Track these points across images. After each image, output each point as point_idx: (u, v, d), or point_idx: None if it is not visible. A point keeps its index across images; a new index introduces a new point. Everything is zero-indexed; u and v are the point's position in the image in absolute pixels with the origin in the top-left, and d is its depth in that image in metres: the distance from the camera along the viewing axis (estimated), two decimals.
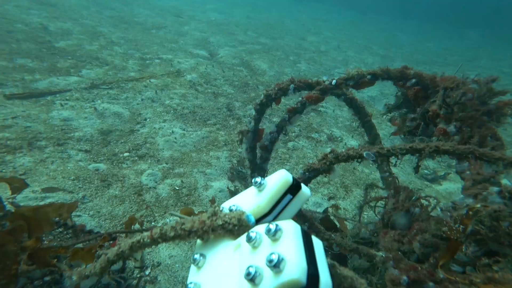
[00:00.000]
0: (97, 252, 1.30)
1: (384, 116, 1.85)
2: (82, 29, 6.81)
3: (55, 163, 2.73)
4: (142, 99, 4.27)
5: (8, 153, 2.66)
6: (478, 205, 0.82)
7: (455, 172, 1.36)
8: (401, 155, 1.22)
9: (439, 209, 1.31)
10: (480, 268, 0.77)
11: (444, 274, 0.86)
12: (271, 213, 0.55)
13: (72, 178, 2.60)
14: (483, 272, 0.75)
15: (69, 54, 5.26)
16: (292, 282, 0.38)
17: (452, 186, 3.55)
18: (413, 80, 1.56)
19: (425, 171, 3.59)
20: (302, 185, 0.57)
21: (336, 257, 2.11)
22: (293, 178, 0.56)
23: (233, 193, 2.97)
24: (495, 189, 0.86)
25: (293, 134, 4.21)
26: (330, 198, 3.04)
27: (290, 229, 0.44)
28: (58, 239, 1.74)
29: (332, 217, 2.44)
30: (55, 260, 1.16)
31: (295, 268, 0.39)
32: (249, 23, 11.89)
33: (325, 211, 2.45)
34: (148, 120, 3.80)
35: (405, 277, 1.11)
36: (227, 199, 2.62)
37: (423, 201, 1.53)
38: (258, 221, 0.56)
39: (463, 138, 1.30)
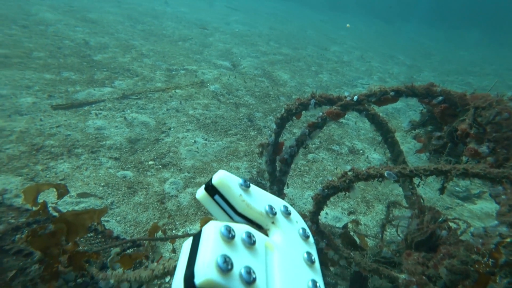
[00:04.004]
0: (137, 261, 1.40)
1: (409, 133, 1.80)
2: (117, 42, 7.32)
3: (88, 169, 2.93)
4: (167, 109, 4.48)
5: (51, 159, 2.91)
6: (509, 239, 0.78)
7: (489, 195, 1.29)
8: (425, 176, 1.19)
9: (470, 234, 1.24)
10: None
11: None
12: (231, 217, 0.54)
13: (102, 184, 2.77)
14: None
15: (104, 66, 5.66)
16: None
17: (488, 206, 3.31)
18: (440, 98, 1.51)
19: (456, 188, 3.38)
20: (214, 176, 0.54)
21: (357, 275, 2.04)
22: (205, 185, 0.54)
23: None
24: None
25: (313, 146, 4.18)
26: (350, 213, 2.96)
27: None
28: (88, 243, 1.86)
29: (352, 233, 2.37)
30: (87, 264, 1.26)
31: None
32: (272, 33, 12.09)
33: (345, 226, 2.39)
34: (172, 129, 3.97)
35: None
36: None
37: (451, 223, 1.46)
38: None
39: (498, 160, 1.23)
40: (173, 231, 2.40)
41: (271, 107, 5.19)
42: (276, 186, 2.46)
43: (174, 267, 0.88)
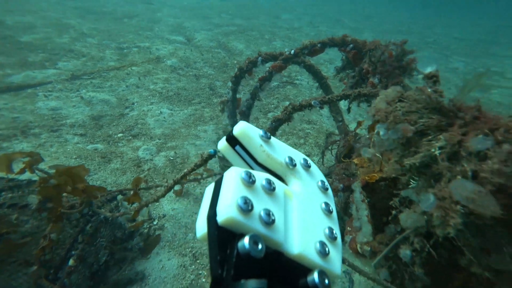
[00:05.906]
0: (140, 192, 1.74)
1: (336, 77, 2.29)
2: (47, 22, 6.72)
3: (54, 146, 3.03)
4: (126, 86, 4.51)
5: (3, 141, 2.91)
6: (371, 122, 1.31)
7: None
8: (337, 100, 1.67)
9: None
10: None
11: (343, 160, 1.35)
12: (252, 167, 0.55)
13: (74, 157, 2.92)
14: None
15: (38, 48, 5.30)
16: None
17: None
18: (351, 45, 1.99)
19: None
20: (235, 127, 0.55)
21: None
22: (226, 136, 0.55)
23: (222, 159, 3.40)
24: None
25: (272, 105, 4.62)
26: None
27: None
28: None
29: None
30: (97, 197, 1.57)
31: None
32: (223, 5, 11.84)
33: None
34: (135, 104, 4.09)
35: (341, 185, 1.60)
36: (217, 164, 2.99)
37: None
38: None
39: (382, 87, 1.76)
40: (152, 183, 2.72)
41: (230, 75, 5.45)
42: None
43: (182, 176, 1.28)
